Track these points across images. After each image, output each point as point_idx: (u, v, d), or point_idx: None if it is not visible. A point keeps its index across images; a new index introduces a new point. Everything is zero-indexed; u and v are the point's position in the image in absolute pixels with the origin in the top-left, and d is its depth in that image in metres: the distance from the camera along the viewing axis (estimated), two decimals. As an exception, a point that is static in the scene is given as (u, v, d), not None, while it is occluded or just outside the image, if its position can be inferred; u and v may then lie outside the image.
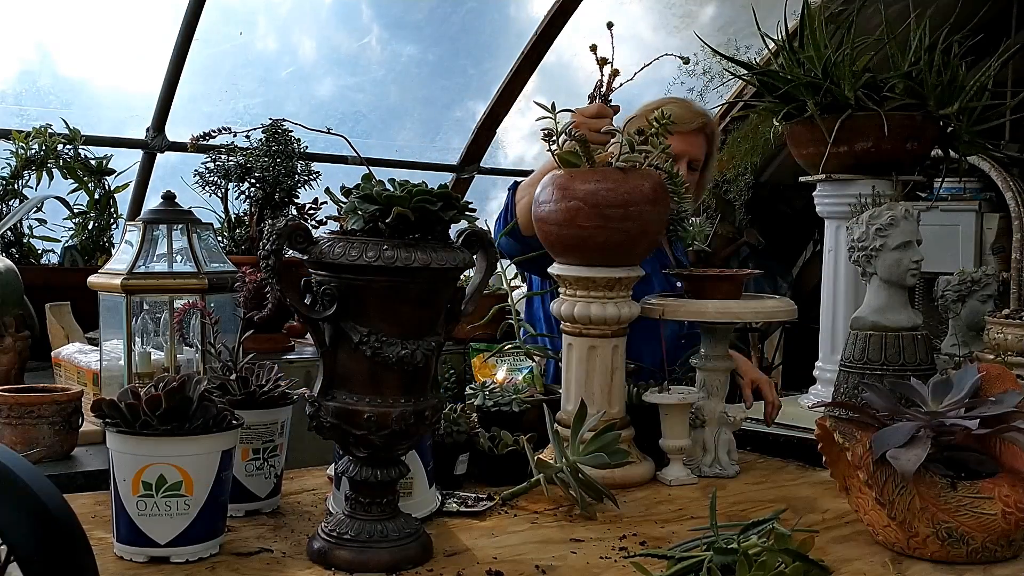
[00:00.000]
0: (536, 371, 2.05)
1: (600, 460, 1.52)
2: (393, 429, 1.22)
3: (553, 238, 1.65)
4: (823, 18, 2.55)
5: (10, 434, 1.68)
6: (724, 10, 4.73)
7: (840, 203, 2.52)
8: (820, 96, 2.43)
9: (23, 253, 2.89)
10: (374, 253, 1.17)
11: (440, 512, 1.47)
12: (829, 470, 1.45)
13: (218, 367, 1.47)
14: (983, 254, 4.91)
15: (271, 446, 1.45)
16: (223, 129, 1.67)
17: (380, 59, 4.22)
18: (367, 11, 4.13)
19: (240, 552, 1.28)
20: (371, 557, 1.23)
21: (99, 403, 1.25)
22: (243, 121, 3.68)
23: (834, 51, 2.45)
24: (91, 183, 3.02)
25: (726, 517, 1.46)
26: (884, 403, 1.40)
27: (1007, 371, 1.45)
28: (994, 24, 3.98)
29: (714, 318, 1.74)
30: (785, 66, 2.55)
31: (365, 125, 4.34)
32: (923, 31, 2.51)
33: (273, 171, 2.66)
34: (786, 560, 1.09)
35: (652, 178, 1.63)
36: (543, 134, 1.67)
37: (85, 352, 2.07)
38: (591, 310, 1.66)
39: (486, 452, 1.64)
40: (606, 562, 1.29)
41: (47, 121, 2.98)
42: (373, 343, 1.20)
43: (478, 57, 4.42)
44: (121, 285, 1.79)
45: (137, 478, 1.21)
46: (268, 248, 1.19)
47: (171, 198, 1.88)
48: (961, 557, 1.29)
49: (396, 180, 1.24)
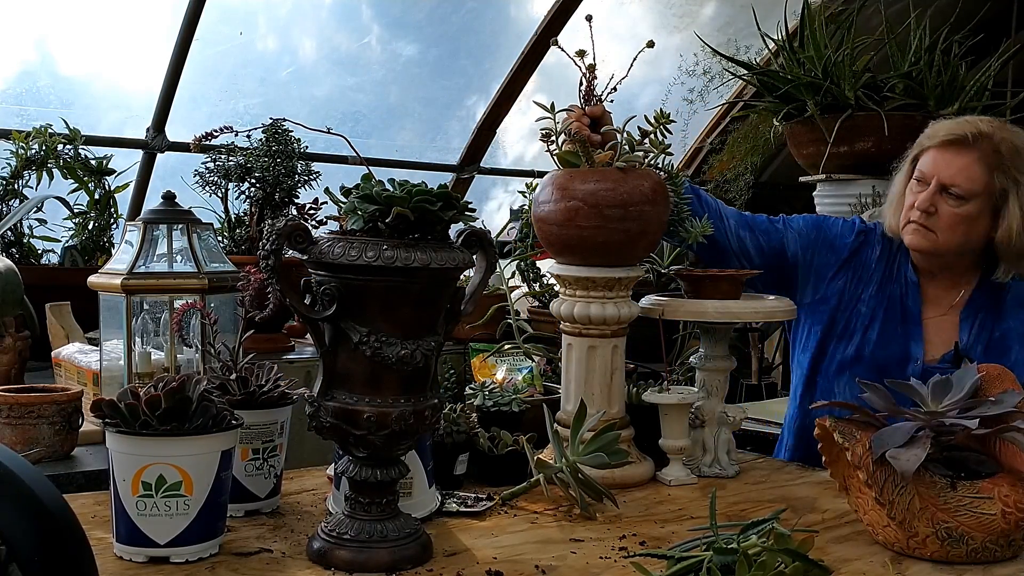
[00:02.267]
0: (536, 371, 2.05)
1: (600, 460, 1.52)
2: (393, 429, 1.22)
3: (553, 238, 1.65)
4: (823, 18, 2.55)
5: (10, 434, 1.68)
6: (724, 10, 4.73)
7: (840, 203, 2.52)
8: (820, 96, 2.44)
9: (23, 253, 2.88)
10: (374, 253, 1.17)
11: (440, 512, 1.47)
12: (829, 470, 1.46)
13: (218, 367, 1.47)
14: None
15: (271, 446, 1.45)
16: (225, 128, 1.67)
17: (380, 59, 4.22)
18: (367, 11, 4.13)
19: (240, 552, 1.28)
20: (371, 557, 1.23)
21: (99, 403, 1.25)
22: (243, 121, 3.68)
23: (834, 51, 2.45)
24: (91, 183, 3.02)
25: (726, 517, 1.47)
26: (884, 403, 1.40)
27: (1007, 371, 1.45)
28: (994, 24, 3.97)
29: (714, 318, 1.74)
30: (785, 66, 2.55)
31: (365, 125, 4.34)
32: (923, 31, 2.52)
33: (273, 171, 2.66)
34: (786, 560, 1.09)
35: (652, 178, 1.63)
36: (543, 134, 1.67)
37: (85, 352, 2.07)
38: (591, 310, 1.66)
39: (486, 452, 1.64)
40: (606, 562, 1.29)
41: (47, 121, 2.98)
42: (373, 343, 1.20)
43: (478, 57, 4.42)
44: (121, 285, 1.79)
45: (137, 478, 1.21)
46: (268, 248, 1.20)
47: (171, 198, 1.88)
48: (961, 557, 1.29)
49: (396, 180, 1.24)
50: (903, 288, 1.91)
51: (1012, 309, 1.86)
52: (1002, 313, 1.87)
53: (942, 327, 1.88)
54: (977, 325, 1.86)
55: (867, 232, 1.98)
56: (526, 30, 4.18)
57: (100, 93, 3.67)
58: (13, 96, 3.39)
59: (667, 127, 1.72)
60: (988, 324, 1.86)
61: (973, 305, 1.87)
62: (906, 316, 1.89)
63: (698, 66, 4.72)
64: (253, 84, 3.94)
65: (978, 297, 1.88)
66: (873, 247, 1.96)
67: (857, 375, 1.77)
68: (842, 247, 1.95)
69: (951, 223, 1.79)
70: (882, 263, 1.94)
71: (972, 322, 1.86)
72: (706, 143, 5.19)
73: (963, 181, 1.77)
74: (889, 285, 1.92)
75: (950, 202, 1.78)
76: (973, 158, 1.77)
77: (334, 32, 4.13)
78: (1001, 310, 1.87)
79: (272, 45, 4.01)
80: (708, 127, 5.17)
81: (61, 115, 3.07)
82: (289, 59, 4.05)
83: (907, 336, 1.88)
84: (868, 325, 1.91)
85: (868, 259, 1.95)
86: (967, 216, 1.78)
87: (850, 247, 1.95)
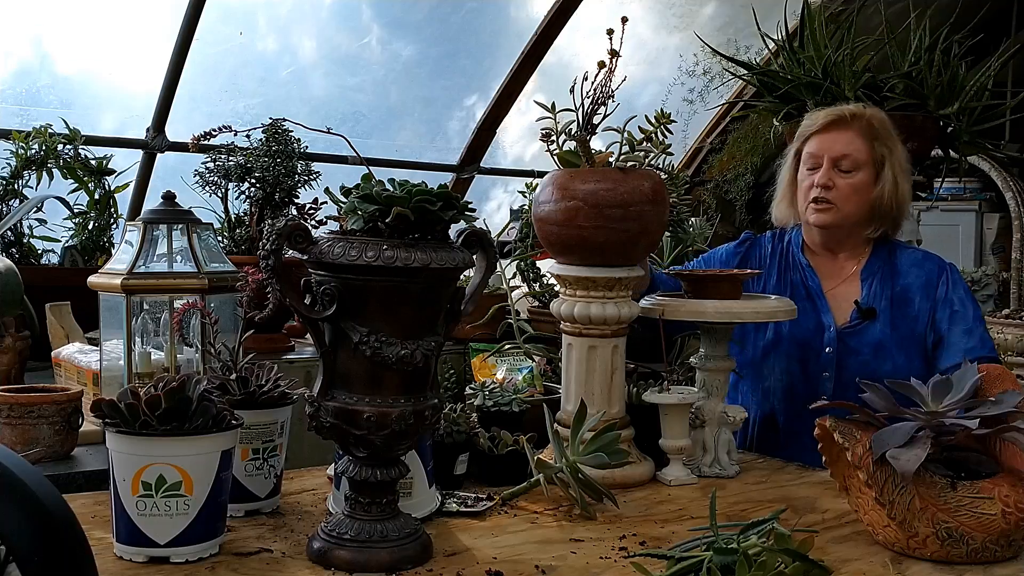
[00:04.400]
0: (536, 371, 2.05)
1: (600, 460, 1.52)
2: (393, 429, 1.22)
3: (553, 238, 1.65)
4: (823, 18, 2.55)
5: (10, 434, 1.68)
6: (723, 10, 4.74)
7: (840, 203, 2.51)
8: (820, 96, 2.43)
9: (23, 253, 2.89)
10: (374, 253, 1.17)
11: (440, 512, 1.47)
12: (829, 470, 1.45)
13: (218, 367, 1.47)
14: (983, 254, 4.92)
15: (271, 446, 1.45)
16: (224, 128, 1.67)
17: (380, 59, 4.22)
18: (367, 11, 4.13)
19: (240, 552, 1.28)
20: (371, 557, 1.23)
21: (99, 403, 1.25)
22: (243, 121, 3.68)
23: (834, 51, 2.45)
24: (91, 183, 3.02)
25: (726, 517, 1.47)
26: (884, 403, 1.40)
27: (1007, 371, 1.46)
28: (994, 24, 3.98)
29: (714, 318, 1.74)
30: (785, 66, 2.55)
31: (365, 125, 4.35)
32: (923, 31, 2.51)
33: (273, 171, 2.67)
34: (786, 560, 1.09)
35: (652, 178, 1.63)
36: (543, 134, 1.67)
37: (85, 352, 2.07)
38: (591, 310, 1.66)
39: (486, 452, 1.64)
40: (606, 562, 1.29)
41: (47, 121, 2.98)
42: (373, 343, 1.20)
43: (478, 57, 4.42)
44: (121, 285, 1.79)
45: (137, 478, 1.21)
46: (268, 248, 1.19)
47: (171, 198, 1.88)
48: (961, 557, 1.29)
49: (396, 180, 1.24)
50: (801, 272, 2.10)
51: (907, 268, 2.06)
52: (898, 271, 2.06)
53: (846, 294, 2.06)
54: (877, 283, 2.05)
55: (752, 239, 2.22)
56: (526, 30, 4.18)
57: (100, 93, 3.67)
58: (13, 96, 3.39)
59: (667, 127, 1.72)
60: (887, 280, 2.05)
61: (869, 268, 2.08)
62: (809, 293, 2.07)
63: (698, 66, 4.72)
64: (253, 84, 3.94)
65: (873, 262, 2.07)
66: (763, 246, 2.18)
67: (782, 352, 2.03)
68: (727, 264, 2.16)
69: (847, 193, 1.99)
70: (776, 256, 2.15)
71: (871, 282, 2.06)
72: (706, 143, 5.20)
73: (852, 152, 1.99)
74: (787, 273, 2.12)
75: (843, 175, 2.00)
76: (854, 133, 2.00)
77: (334, 32, 4.13)
78: (896, 270, 2.06)
79: (272, 45, 4.01)
80: (708, 127, 5.18)
81: (61, 115, 3.08)
82: (289, 59, 4.05)
83: (816, 310, 2.05)
84: None
85: (761, 256, 2.16)
86: (860, 185, 2.00)
87: (738, 258, 2.16)
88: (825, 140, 2.01)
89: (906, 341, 1.98)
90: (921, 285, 2.02)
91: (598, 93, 1.61)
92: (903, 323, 2.00)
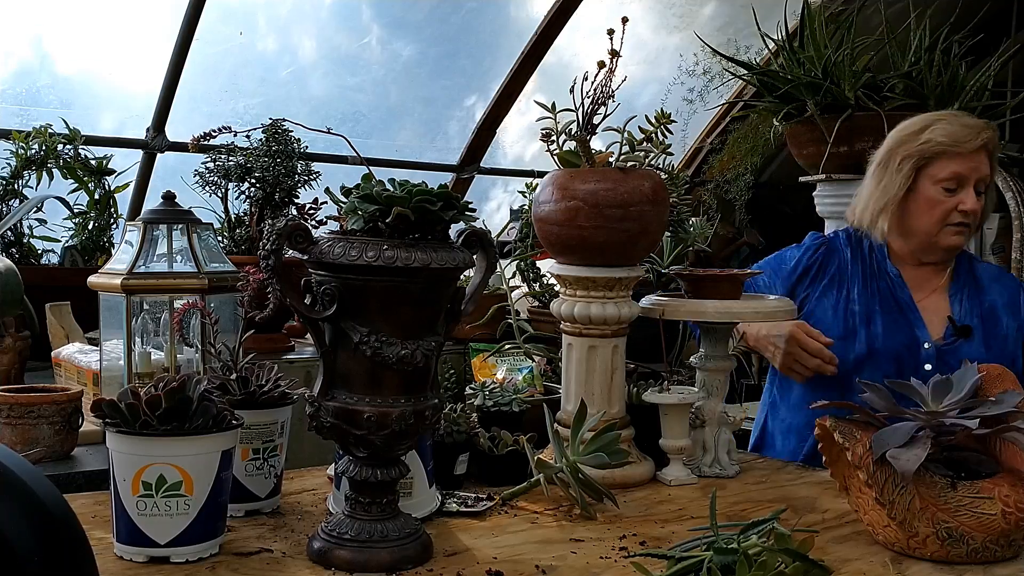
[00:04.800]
0: (536, 371, 2.05)
1: (600, 460, 1.52)
2: (393, 429, 1.22)
3: (553, 238, 1.65)
4: (823, 18, 2.55)
5: (10, 434, 1.68)
6: (723, 10, 4.74)
7: (840, 203, 2.52)
8: (820, 96, 2.44)
9: (23, 253, 2.89)
10: (374, 253, 1.17)
11: (440, 512, 1.47)
12: (829, 470, 1.45)
13: (218, 367, 1.47)
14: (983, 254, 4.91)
15: (271, 446, 1.45)
16: (224, 128, 1.67)
17: (380, 59, 4.22)
18: (367, 11, 4.14)
19: (240, 552, 1.28)
20: (371, 557, 1.23)
21: (99, 403, 1.25)
22: (243, 121, 3.68)
23: (834, 51, 2.45)
24: (91, 183, 3.02)
25: (726, 517, 1.46)
26: (884, 403, 1.40)
27: (1007, 371, 1.45)
28: (994, 24, 3.97)
29: (714, 318, 1.74)
30: (785, 66, 2.55)
31: (365, 125, 4.35)
32: (923, 31, 2.52)
33: (273, 171, 2.66)
34: (786, 560, 1.09)
35: (652, 178, 1.63)
36: (543, 134, 1.67)
37: (85, 352, 2.07)
38: (591, 310, 1.66)
39: (486, 452, 1.64)
40: (606, 562, 1.29)
41: (47, 121, 2.98)
42: (373, 343, 1.20)
43: (478, 57, 4.42)
44: (121, 285, 1.79)
45: (137, 478, 1.21)
46: (268, 248, 1.19)
47: (171, 198, 1.89)
48: (961, 557, 1.29)
49: (396, 180, 1.24)
50: (889, 281, 2.02)
51: (989, 284, 2.03)
52: (982, 287, 2.03)
53: (935, 307, 2.01)
54: (966, 299, 2.01)
55: (826, 242, 2.11)
56: (526, 30, 4.18)
57: (100, 93, 3.67)
58: (13, 96, 3.39)
59: (667, 127, 1.72)
60: (974, 297, 2.01)
61: (957, 282, 2.03)
62: (900, 305, 2.01)
63: (698, 66, 4.72)
64: (253, 84, 3.94)
65: (959, 276, 2.04)
66: (840, 252, 2.08)
67: (877, 366, 1.92)
68: (792, 270, 2.08)
69: (979, 215, 1.97)
70: (858, 263, 2.06)
71: (960, 296, 2.02)
72: (706, 143, 5.19)
73: (987, 173, 1.96)
74: (873, 281, 2.03)
75: (979, 197, 1.95)
76: (987, 155, 1.95)
77: (334, 32, 4.13)
78: (980, 285, 2.03)
79: (272, 45, 4.01)
80: (708, 127, 5.17)
81: (61, 115, 3.08)
82: (289, 59, 4.05)
83: (909, 324, 1.99)
84: (869, 320, 2.00)
85: (841, 263, 2.06)
86: (985, 205, 1.98)
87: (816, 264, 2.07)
88: (971, 162, 1.94)
89: (999, 361, 1.83)
90: (1006, 303, 2.00)
91: (598, 93, 1.61)
92: (995, 342, 1.97)
